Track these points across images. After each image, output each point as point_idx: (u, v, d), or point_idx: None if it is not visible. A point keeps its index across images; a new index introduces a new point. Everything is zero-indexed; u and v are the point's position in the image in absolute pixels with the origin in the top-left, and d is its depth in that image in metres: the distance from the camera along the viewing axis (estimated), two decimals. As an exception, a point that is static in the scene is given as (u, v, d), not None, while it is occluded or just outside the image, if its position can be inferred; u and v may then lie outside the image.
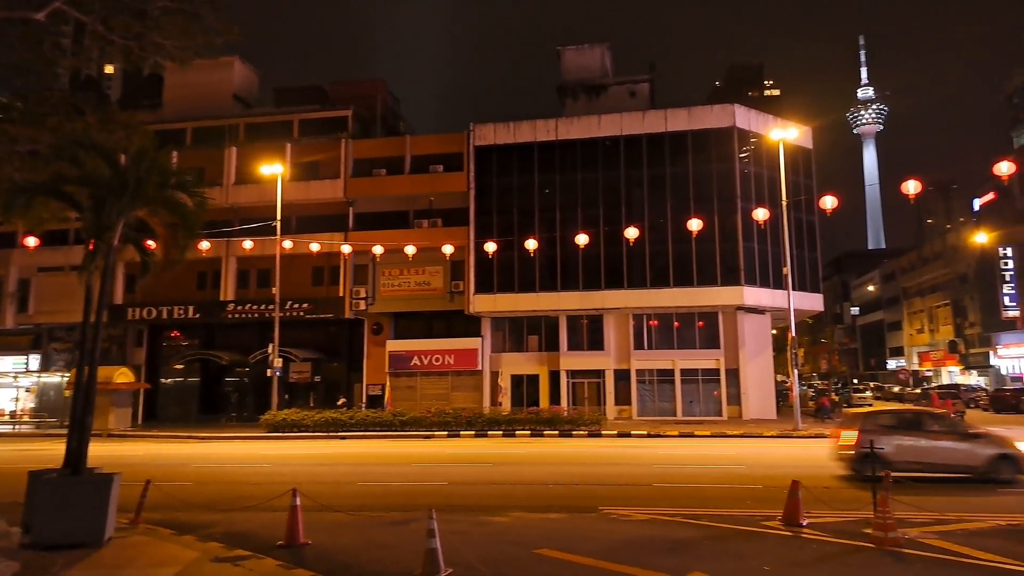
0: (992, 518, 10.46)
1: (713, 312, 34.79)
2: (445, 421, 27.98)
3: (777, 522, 10.34)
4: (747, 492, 13.46)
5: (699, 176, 34.57)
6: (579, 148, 35.75)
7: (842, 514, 10.82)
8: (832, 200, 25.33)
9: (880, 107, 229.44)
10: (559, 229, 34.70)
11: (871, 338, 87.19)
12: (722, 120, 34.92)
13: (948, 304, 63.85)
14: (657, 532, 10.21)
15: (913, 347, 73.14)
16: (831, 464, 15.44)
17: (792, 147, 34.10)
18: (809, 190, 36.32)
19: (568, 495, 13.63)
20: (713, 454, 20.20)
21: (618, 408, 34.55)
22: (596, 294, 34.59)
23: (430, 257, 33.85)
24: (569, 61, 40.67)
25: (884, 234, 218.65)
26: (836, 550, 8.97)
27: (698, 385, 34.31)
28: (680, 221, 30.24)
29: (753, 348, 34.77)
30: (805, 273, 36.11)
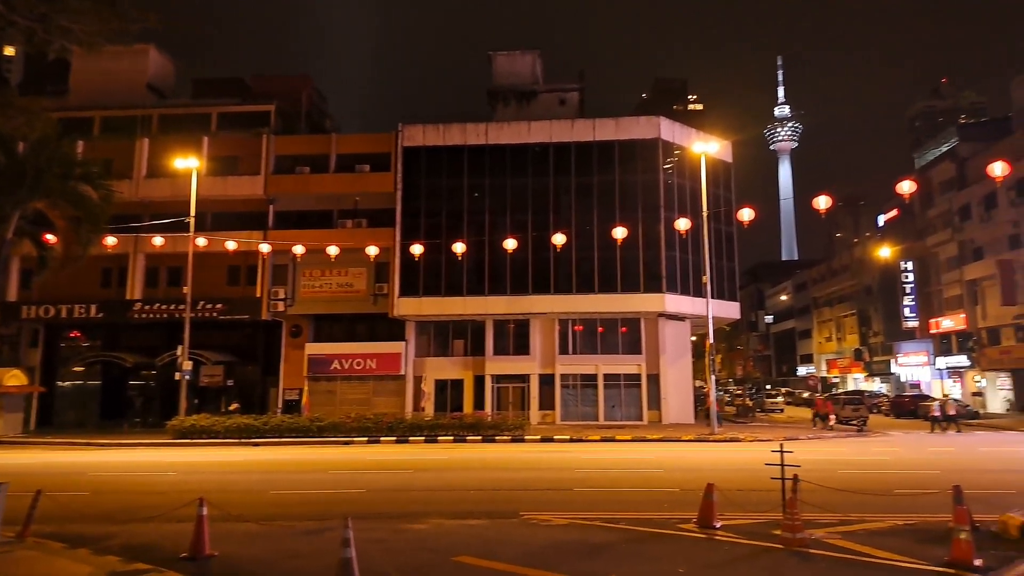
0: (891, 518, 10.95)
1: (636, 318, 35.53)
2: (365, 427, 27.37)
3: (692, 524, 10.50)
4: (665, 495, 13.67)
5: (625, 185, 35.28)
6: (509, 153, 35.90)
7: (754, 516, 11.08)
8: (749, 212, 26.31)
9: (795, 125, 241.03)
10: (487, 233, 34.70)
11: (783, 345, 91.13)
12: (648, 132, 35.78)
13: (854, 314, 67.35)
14: (577, 536, 10.22)
15: (822, 354, 76.83)
16: (745, 467, 15.89)
17: (713, 160, 35.26)
18: (728, 202, 37.65)
19: (489, 501, 13.52)
20: (633, 458, 20.51)
21: (542, 413, 34.76)
22: (523, 299, 34.73)
23: (354, 258, 33.16)
24: (501, 66, 40.80)
25: (797, 246, 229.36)
26: (747, 551, 9.16)
27: (620, 390, 34.96)
28: (606, 228, 30.75)
29: (673, 354, 35.71)
30: (723, 282, 37.37)
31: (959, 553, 8.11)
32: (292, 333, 36.63)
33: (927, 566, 8.16)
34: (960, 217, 48.02)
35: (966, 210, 47.28)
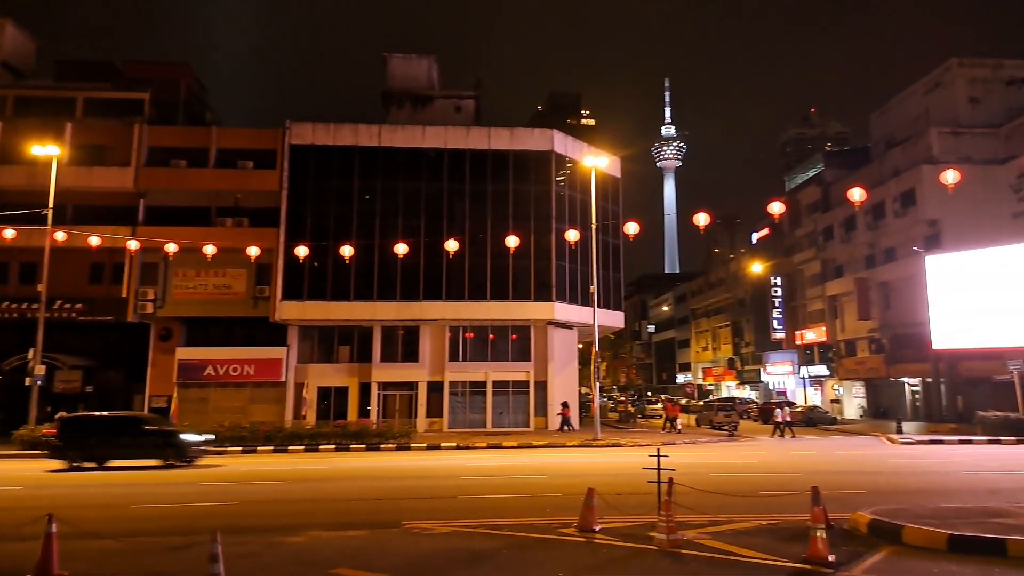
0: (756, 518, 11.52)
1: (526, 326, 35.98)
2: (240, 436, 26.01)
3: (573, 529, 10.59)
4: (548, 501, 13.78)
5: (518, 195, 35.72)
6: (402, 157, 35.47)
7: (632, 519, 11.33)
8: (635, 226, 27.27)
9: (680, 145, 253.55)
10: (378, 237, 34.07)
11: (664, 354, 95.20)
12: (542, 143, 36.41)
13: (729, 325, 71.35)
14: (459, 544, 10.08)
15: (699, 363, 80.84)
16: (625, 471, 16.32)
17: (603, 174, 36.36)
18: (616, 215, 38.93)
19: (371, 511, 13.14)
20: (518, 464, 20.62)
21: (429, 420, 34.43)
22: (414, 305, 34.31)
23: (233, 259, 31.57)
24: (396, 69, 40.28)
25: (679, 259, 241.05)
26: (624, 553, 9.33)
27: (509, 397, 35.24)
28: (499, 237, 31.05)
29: (561, 361, 36.42)
30: (610, 292, 38.56)
31: (815, 550, 8.61)
32: (161, 336, 34.34)
33: (787, 563, 8.58)
34: (824, 237, 52.01)
35: (829, 231, 51.27)
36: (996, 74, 44.26)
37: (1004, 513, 10.72)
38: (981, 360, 34.32)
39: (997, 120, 41.63)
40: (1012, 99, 42.83)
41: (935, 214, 39.44)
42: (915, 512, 10.82)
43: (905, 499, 12.86)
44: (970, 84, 43.99)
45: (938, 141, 40.98)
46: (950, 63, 44.86)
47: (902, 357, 41.05)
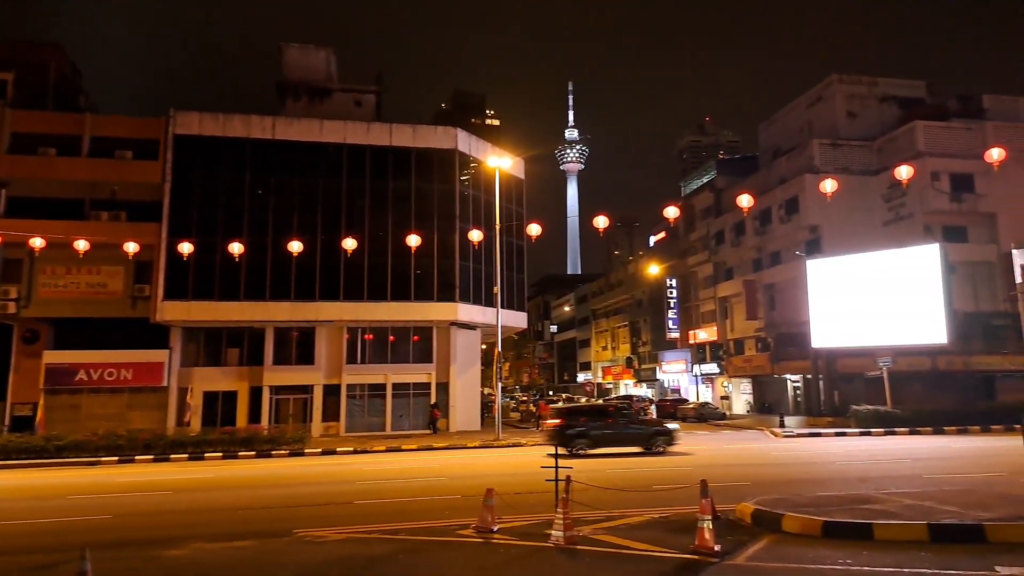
0: (649, 512, 11.84)
1: (429, 327, 35.57)
2: (116, 445, 24.26)
3: (471, 530, 10.54)
4: (447, 503, 13.64)
5: (421, 193, 35.26)
6: (299, 151, 34.22)
7: (530, 517, 11.38)
8: (538, 228, 27.50)
9: (583, 148, 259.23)
10: (271, 234, 32.75)
11: (566, 353, 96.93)
12: (445, 142, 36.12)
13: (627, 325, 73.47)
14: (354, 551, 9.80)
15: (599, 362, 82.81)
16: (525, 471, 16.40)
17: (507, 175, 36.51)
18: (520, 216, 39.17)
19: (259, 520, 12.54)
20: (418, 467, 20.34)
21: (325, 424, 33.43)
22: (310, 305, 33.20)
23: (109, 255, 29.44)
24: (292, 59, 38.88)
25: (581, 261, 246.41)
26: (521, 552, 9.34)
27: (409, 399, 34.72)
28: (400, 236, 30.34)
29: (463, 363, 36.27)
30: (513, 293, 38.75)
31: (702, 541, 8.90)
32: (26, 339, 31.60)
33: (676, 554, 8.84)
34: (716, 241, 54.45)
35: (721, 235, 53.72)
36: (871, 91, 47.76)
37: (872, 500, 11.47)
38: (855, 358, 36.84)
39: (872, 134, 44.90)
40: (885, 115, 46.32)
41: (816, 220, 42.06)
42: (794, 501, 11.40)
43: (786, 489, 13.55)
44: (848, 99, 47.25)
45: (819, 152, 43.73)
46: (831, 79, 48.03)
47: (786, 355, 43.52)
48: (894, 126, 43.87)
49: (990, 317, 37.52)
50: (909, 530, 9.38)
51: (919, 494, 12.06)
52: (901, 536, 9.30)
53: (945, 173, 39.07)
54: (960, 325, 34.74)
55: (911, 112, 44.53)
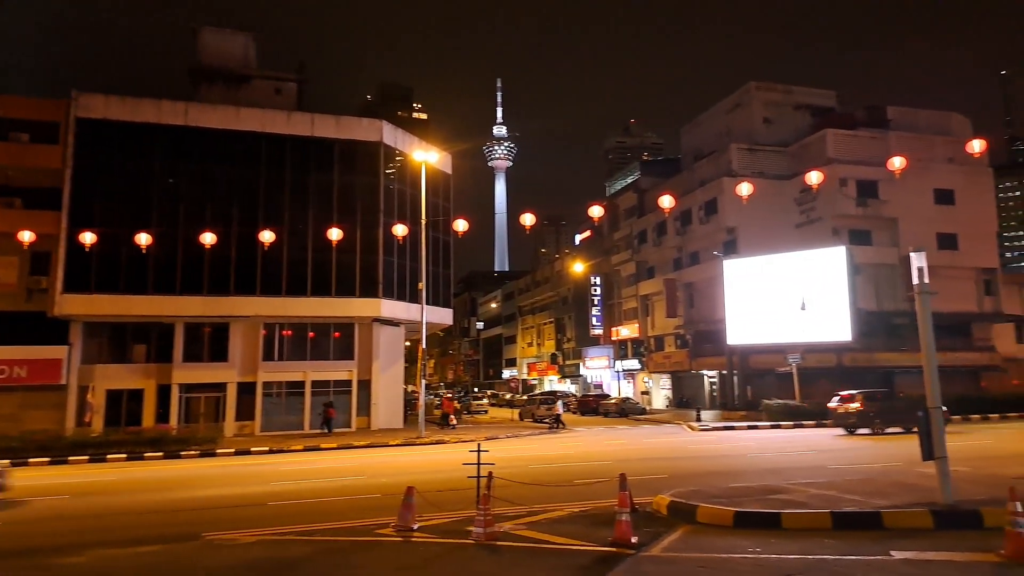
0: (570, 506, 11.94)
1: (350, 323, 34.81)
2: (8, 447, 22.71)
3: (391, 529, 10.37)
4: (366, 502, 13.38)
5: (344, 186, 34.44)
6: (214, 139, 32.78)
7: (452, 515, 11.29)
8: (464, 223, 27.31)
9: (511, 145, 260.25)
10: (183, 225, 31.26)
11: (492, 350, 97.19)
12: (370, 134, 35.40)
13: (552, 322, 74.27)
14: (267, 553, 9.46)
15: (524, 359, 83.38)
16: (447, 468, 16.27)
17: (433, 170, 36.14)
18: (447, 212, 38.84)
19: (166, 524, 11.94)
20: (337, 466, 19.89)
21: (240, 424, 32.24)
22: (224, 300, 31.92)
23: (2, 245, 27.51)
24: (208, 43, 37.25)
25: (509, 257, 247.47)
26: (441, 550, 9.26)
27: (329, 397, 33.87)
28: (322, 229, 29.49)
29: (386, 360, 35.69)
30: (439, 289, 38.42)
31: (620, 533, 9.02)
32: (-93, 334, 29.16)
33: (595, 547, 8.92)
34: (639, 240, 55.69)
35: (644, 235, 54.97)
36: (787, 99, 49.89)
37: (781, 490, 11.94)
38: (768, 354, 38.44)
39: (786, 140, 46.90)
40: (799, 122, 48.48)
41: (733, 222, 43.62)
42: (708, 493, 11.74)
43: (701, 481, 13.94)
44: (765, 106, 49.20)
45: (737, 156, 45.36)
46: (749, 86, 49.88)
47: (703, 351, 44.98)
48: (807, 133, 45.97)
49: (891, 316, 39.86)
50: (814, 518, 9.80)
51: (824, 484, 12.63)
52: (807, 524, 9.70)
53: (852, 179, 41.23)
54: (864, 323, 36.70)
55: (822, 120, 46.77)
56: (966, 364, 41.27)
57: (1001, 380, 41.53)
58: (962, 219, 42.41)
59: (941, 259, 40.19)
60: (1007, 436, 23.39)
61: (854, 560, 7.99)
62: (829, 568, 7.72)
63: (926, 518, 9.58)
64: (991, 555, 7.94)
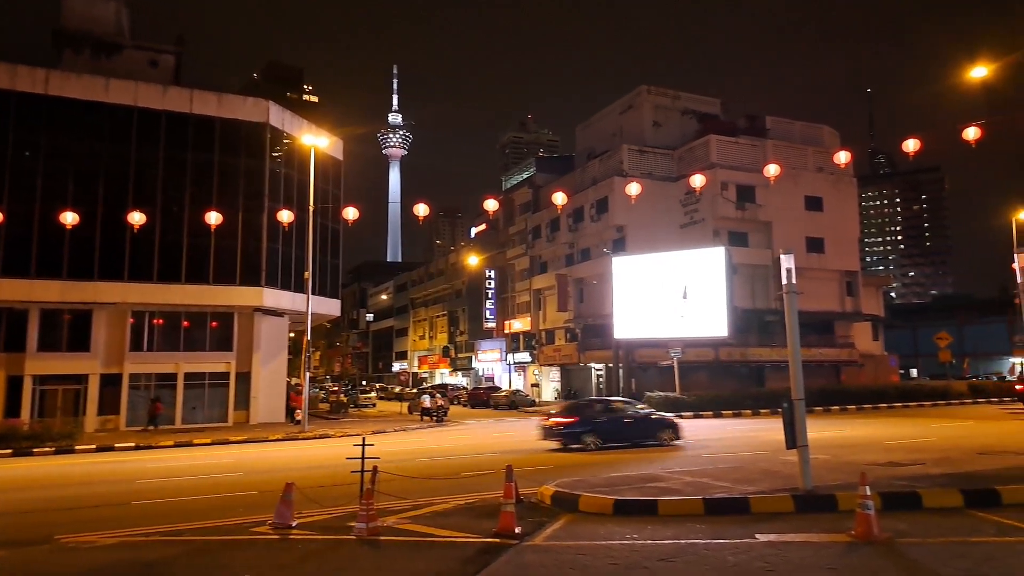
0: (456, 499, 11.88)
1: (229, 313, 33.07)
2: None
3: (267, 527, 9.96)
4: (241, 500, 12.76)
5: (226, 168, 32.63)
6: (79, 111, 30.14)
7: (334, 510, 11.00)
8: (354, 211, 26.47)
9: (406, 134, 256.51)
10: (41, 202, 28.57)
11: (382, 342, 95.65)
12: (255, 114, 33.70)
13: (445, 315, 74.06)
14: (128, 556, 8.84)
15: (415, 351, 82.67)
16: (330, 463, 15.81)
17: (324, 155, 34.94)
18: (337, 199, 37.64)
19: (14, 526, 10.93)
20: (211, 463, 18.84)
21: (103, 419, 29.94)
22: (87, 285, 29.50)
23: None
24: (74, 6, 34.20)
25: (402, 248, 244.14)
26: (320, 547, 8.98)
27: (204, 390, 32.08)
28: (200, 212, 27.56)
29: (268, 351, 34.19)
30: (327, 279, 37.23)
31: (504, 524, 9.06)
32: None
33: (479, 538, 8.90)
34: (533, 236, 56.44)
35: (538, 230, 55.77)
36: (675, 104, 52.03)
37: (658, 479, 12.41)
38: (652, 348, 39.99)
39: (673, 143, 48.91)
40: (686, 127, 50.69)
41: (622, 221, 45.04)
42: (591, 483, 12.01)
43: (585, 471, 14.27)
44: (655, 110, 51.11)
45: (627, 157, 46.83)
46: (640, 89, 51.60)
47: (591, 345, 46.22)
48: (692, 138, 48.13)
49: (764, 314, 42.52)
50: (688, 505, 10.23)
51: (698, 472, 13.25)
52: (681, 511, 10.12)
53: (732, 184, 43.58)
54: (739, 320, 38.90)
55: (707, 126, 49.15)
56: (828, 359, 44.72)
57: (859, 374, 45.29)
58: (829, 225, 45.84)
59: (809, 261, 43.28)
60: (864, 426, 25.42)
61: (722, 544, 8.40)
62: (699, 552, 8.06)
63: (788, 503, 10.21)
64: (843, 535, 8.56)
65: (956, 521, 9.40)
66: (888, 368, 50.84)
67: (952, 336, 46.33)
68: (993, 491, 10.50)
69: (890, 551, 7.95)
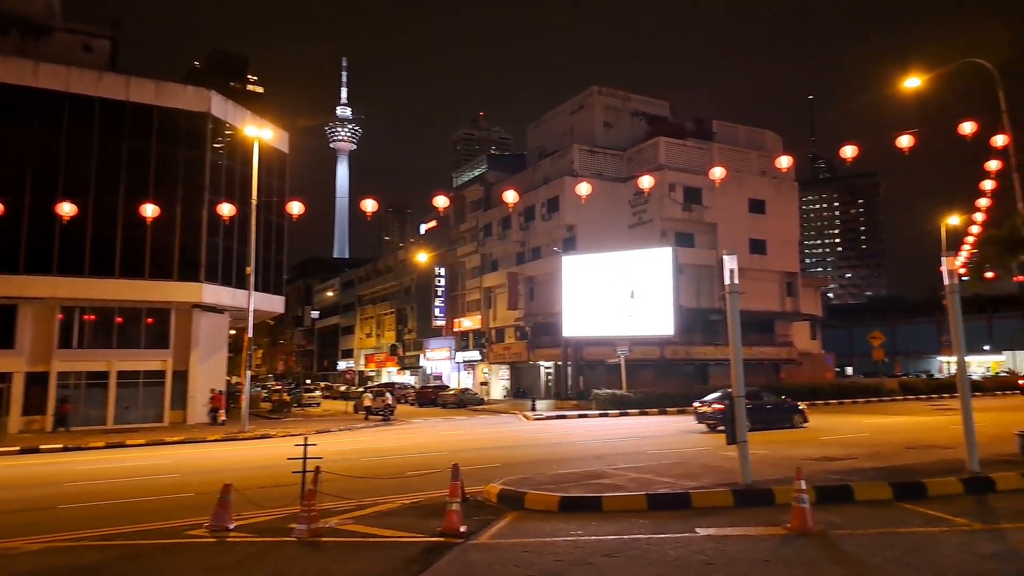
0: (401, 498, 11.74)
1: (166, 309, 31.94)
2: None
3: (204, 529, 9.69)
4: (177, 502, 12.37)
5: (164, 159, 31.46)
6: (4, 95, 28.60)
7: (273, 512, 10.74)
8: (299, 206, 25.78)
9: (355, 128, 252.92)
10: (-40, 192, 27.07)
11: (327, 340, 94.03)
12: (196, 104, 32.61)
13: (393, 312, 73.28)
14: (56, 562, 8.47)
15: (362, 350, 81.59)
16: (272, 463, 15.46)
17: (268, 147, 34.11)
18: (281, 192, 36.80)
19: (-74, 537, 10.27)
20: (146, 465, 18.18)
21: (27, 419, 28.55)
22: (12, 279, 28.09)
23: None
24: (2, -14, 32.54)
25: (349, 244, 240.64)
26: (259, 549, 8.78)
27: (139, 389, 30.91)
28: (136, 204, 26.29)
29: (207, 349, 33.15)
30: (270, 274, 36.34)
31: (450, 523, 8.99)
32: None
33: (424, 538, 8.82)
34: (484, 233, 56.30)
35: (489, 228, 55.65)
36: (625, 105, 52.63)
37: (604, 475, 12.52)
38: (600, 346, 40.39)
39: (623, 144, 49.45)
40: (636, 128, 51.32)
41: (573, 220, 45.34)
42: (537, 480, 12.04)
43: (532, 469, 14.28)
44: (605, 111, 51.60)
45: (578, 157, 47.15)
46: (591, 90, 52.02)
47: (541, 343, 46.42)
48: (642, 139, 48.77)
49: (708, 313, 43.41)
50: (631, 501, 10.36)
51: (642, 468, 13.42)
52: (625, 506, 10.23)
53: (680, 185, 44.33)
54: (685, 319, 39.62)
55: (656, 128, 49.88)
56: (769, 358, 45.97)
57: (797, 372, 46.70)
58: (771, 227, 47.09)
59: (752, 263, 44.36)
60: (799, 421, 26.15)
61: (663, 538, 8.53)
62: (641, 546, 8.16)
63: (727, 497, 10.43)
64: (780, 528, 8.79)
65: (885, 513, 9.76)
66: (825, 366, 52.62)
67: (885, 336, 48.25)
68: (920, 484, 10.93)
69: (823, 543, 8.19)
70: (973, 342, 56.96)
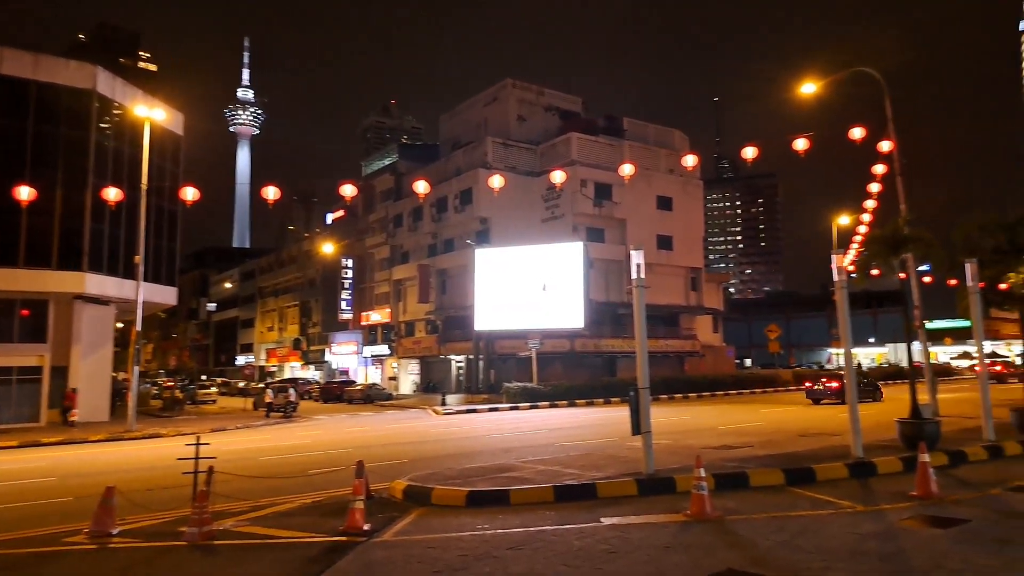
0: (301, 498, 11.29)
1: (44, 300, 29.55)
2: None
3: (84, 535, 9.01)
4: (54, 507, 11.48)
5: (42, 138, 29.04)
6: None
7: (161, 516, 10.16)
8: (194, 192, 24.31)
9: (258, 111, 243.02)
10: None
11: (225, 334, 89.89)
12: (80, 80, 30.28)
13: (298, 305, 71.03)
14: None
15: (263, 344, 78.63)
16: (161, 464, 14.61)
17: (161, 129, 32.18)
18: (175, 177, 34.75)
19: None
20: (18, 468, 16.75)
21: None
22: None
23: None
24: None
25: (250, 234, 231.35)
26: (146, 555, 8.27)
27: (12, 386, 28.48)
28: (9, 187, 24.18)
29: (91, 343, 30.90)
30: (161, 264, 34.26)
31: (352, 522, 8.71)
32: None
33: (325, 537, 8.52)
34: (394, 224, 55.38)
35: (400, 219, 54.79)
36: (539, 99, 52.96)
37: (511, 468, 12.51)
38: (512, 340, 40.61)
39: (537, 139, 49.80)
40: (549, 123, 51.75)
41: (486, 213, 45.28)
42: (444, 475, 11.87)
43: (440, 464, 14.09)
44: (520, 104, 51.77)
45: (492, 149, 47.11)
46: (505, 82, 52.06)
47: (452, 337, 46.18)
48: (555, 134, 49.28)
49: (617, 307, 44.45)
50: (538, 493, 10.37)
51: (550, 460, 13.51)
52: (532, 499, 10.24)
53: (591, 181, 45.11)
54: (595, 312, 40.43)
55: (569, 124, 50.54)
56: (673, 350, 47.59)
57: (700, 364, 48.59)
58: (677, 224, 48.69)
59: (659, 258, 45.74)
60: (703, 412, 27.23)
61: (569, 529, 8.59)
62: (547, 538, 8.18)
63: (631, 487, 10.63)
64: (680, 515, 9.03)
65: (778, 498, 10.19)
66: (726, 358, 55.02)
67: (781, 329, 50.93)
68: (810, 469, 11.50)
69: (720, 528, 8.47)
70: (860, 335, 61.19)
